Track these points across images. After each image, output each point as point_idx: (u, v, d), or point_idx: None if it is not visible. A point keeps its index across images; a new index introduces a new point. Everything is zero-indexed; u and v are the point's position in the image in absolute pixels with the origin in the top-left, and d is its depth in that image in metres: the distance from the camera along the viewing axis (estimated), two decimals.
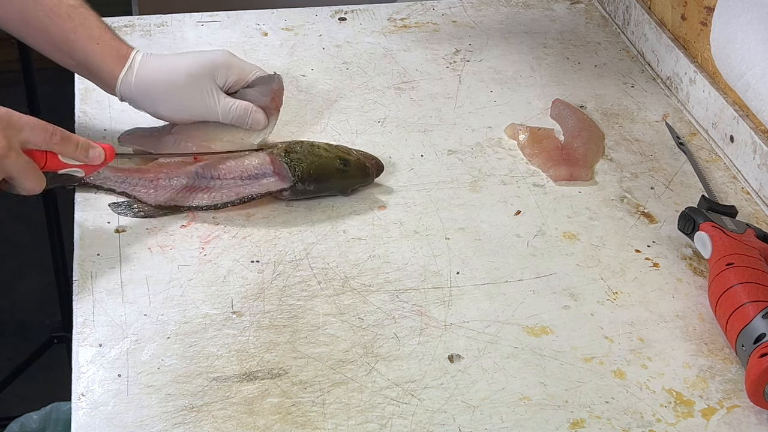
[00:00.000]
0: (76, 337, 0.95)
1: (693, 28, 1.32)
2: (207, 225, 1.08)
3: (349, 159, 1.12)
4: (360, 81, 1.35)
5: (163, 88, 1.12)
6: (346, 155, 1.13)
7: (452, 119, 1.28)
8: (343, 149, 1.14)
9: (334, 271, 1.04)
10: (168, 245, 1.05)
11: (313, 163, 1.11)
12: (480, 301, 1.01)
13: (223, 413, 0.88)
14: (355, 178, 1.13)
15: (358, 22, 1.48)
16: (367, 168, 1.13)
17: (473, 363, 0.94)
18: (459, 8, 1.53)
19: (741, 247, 1.00)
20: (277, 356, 0.94)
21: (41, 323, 2.16)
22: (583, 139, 1.24)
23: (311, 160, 1.11)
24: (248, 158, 1.12)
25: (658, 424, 0.90)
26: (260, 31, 1.45)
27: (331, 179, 1.12)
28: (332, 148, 1.14)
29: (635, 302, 1.02)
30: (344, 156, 1.12)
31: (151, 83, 1.12)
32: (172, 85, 1.12)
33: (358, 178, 1.13)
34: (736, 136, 1.20)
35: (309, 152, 1.12)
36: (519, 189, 1.17)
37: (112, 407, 0.89)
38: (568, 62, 1.42)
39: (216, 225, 1.09)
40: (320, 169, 1.11)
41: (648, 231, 1.12)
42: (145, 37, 1.40)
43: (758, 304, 0.93)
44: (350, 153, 1.14)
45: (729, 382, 0.94)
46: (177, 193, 1.10)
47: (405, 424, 0.88)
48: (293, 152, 1.11)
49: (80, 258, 1.04)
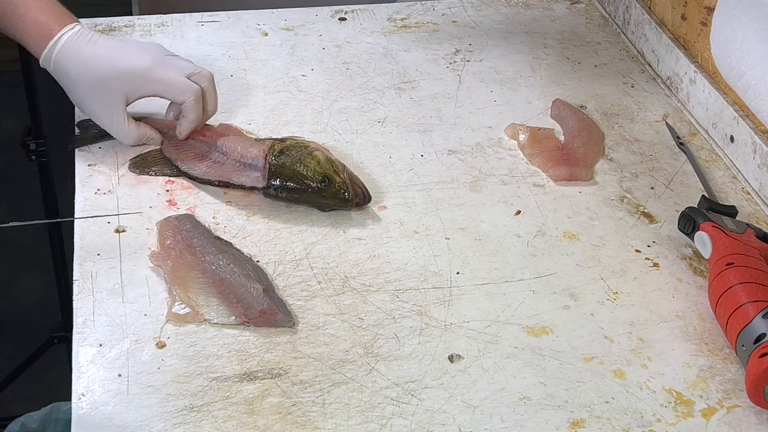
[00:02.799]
0: (76, 337, 0.95)
1: (693, 28, 1.32)
2: (207, 225, 1.08)
3: (333, 180, 1.08)
4: (360, 81, 1.35)
5: (73, 82, 1.12)
6: (333, 175, 1.09)
7: (452, 119, 1.28)
8: (337, 167, 1.10)
9: (334, 271, 1.04)
10: None
11: (295, 173, 1.09)
12: (480, 301, 1.01)
13: (223, 413, 0.88)
14: (331, 200, 1.09)
15: (358, 22, 1.48)
16: (346, 195, 1.09)
17: (473, 363, 0.94)
18: (459, 8, 1.53)
19: (741, 247, 1.00)
20: (277, 356, 0.94)
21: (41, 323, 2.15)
22: (583, 139, 1.24)
23: (294, 170, 1.09)
24: (253, 147, 1.13)
25: (658, 424, 0.90)
26: (260, 31, 1.45)
27: (306, 193, 1.09)
28: (325, 164, 1.10)
29: (635, 302, 1.02)
30: (330, 175, 1.09)
31: (64, 73, 1.12)
32: (81, 83, 1.12)
33: (334, 200, 1.09)
34: (736, 136, 1.20)
35: (299, 160, 1.10)
36: (519, 189, 1.17)
37: (112, 407, 0.89)
38: (568, 62, 1.42)
39: (216, 225, 1.09)
40: (298, 181, 1.09)
41: (648, 231, 1.12)
42: (145, 37, 1.40)
43: (758, 304, 0.93)
44: (339, 174, 1.09)
45: (729, 382, 0.94)
46: (188, 154, 1.14)
47: (405, 424, 0.88)
48: (285, 155, 1.11)
49: (80, 258, 1.04)
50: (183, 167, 1.14)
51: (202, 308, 0.97)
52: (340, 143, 1.22)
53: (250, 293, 0.98)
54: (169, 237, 1.04)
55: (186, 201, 1.12)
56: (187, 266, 1.01)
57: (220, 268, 1.00)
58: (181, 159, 1.15)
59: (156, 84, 1.13)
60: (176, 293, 0.98)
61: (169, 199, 1.12)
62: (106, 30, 1.41)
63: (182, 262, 1.01)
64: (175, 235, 1.04)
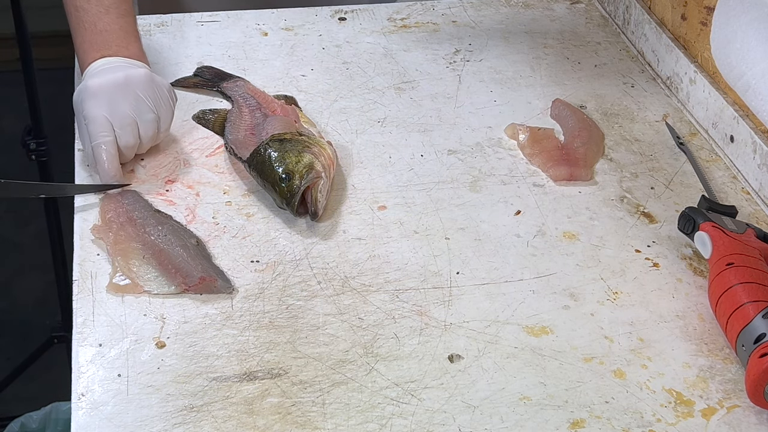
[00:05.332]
0: (76, 337, 0.95)
1: (693, 28, 1.32)
2: (207, 225, 1.08)
3: (292, 181, 1.07)
4: (360, 81, 1.35)
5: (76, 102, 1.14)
6: (294, 178, 1.07)
7: (452, 119, 1.28)
8: (309, 172, 1.08)
9: (334, 271, 1.04)
10: None
11: (268, 160, 1.10)
12: (480, 301, 1.01)
13: (223, 413, 0.88)
14: (279, 197, 1.09)
15: (358, 22, 1.48)
16: (292, 199, 1.07)
17: (473, 363, 0.94)
18: (459, 8, 1.53)
19: (741, 247, 1.00)
20: (277, 356, 0.94)
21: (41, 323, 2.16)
22: (583, 139, 1.24)
23: (269, 157, 1.10)
24: (271, 127, 1.16)
25: (658, 424, 0.90)
26: (260, 31, 1.45)
27: (266, 183, 1.10)
28: (300, 166, 1.08)
29: (635, 302, 1.02)
30: (293, 176, 1.07)
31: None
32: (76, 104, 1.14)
33: (281, 198, 1.08)
34: (736, 136, 1.20)
35: (287, 150, 1.10)
36: (519, 189, 1.17)
37: (112, 407, 0.89)
38: (568, 62, 1.42)
39: (216, 225, 1.09)
40: (265, 170, 1.09)
41: (648, 231, 1.12)
42: (145, 37, 1.40)
43: (758, 304, 0.93)
44: (304, 178, 1.07)
45: (729, 382, 0.94)
46: (242, 121, 1.19)
47: (405, 424, 0.88)
48: (279, 142, 1.11)
49: (80, 258, 1.04)
50: (230, 136, 1.18)
51: (142, 279, 1.00)
52: (340, 143, 1.22)
53: (188, 262, 1.00)
54: (110, 210, 1.07)
55: (185, 201, 1.12)
56: (128, 238, 1.04)
57: (159, 238, 1.03)
58: (240, 135, 1.18)
59: (84, 119, 1.11)
60: (117, 264, 1.01)
61: (168, 200, 1.12)
62: None
63: (124, 234, 1.04)
64: (117, 208, 1.08)
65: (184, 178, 1.15)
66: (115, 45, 1.16)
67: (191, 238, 1.05)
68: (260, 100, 1.23)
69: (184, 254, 1.01)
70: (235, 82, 1.28)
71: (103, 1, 1.17)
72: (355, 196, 1.14)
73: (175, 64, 1.35)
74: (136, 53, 1.18)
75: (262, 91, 1.26)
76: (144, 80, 1.12)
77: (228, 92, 1.27)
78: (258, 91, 1.26)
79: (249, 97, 1.24)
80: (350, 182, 1.16)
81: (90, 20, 1.17)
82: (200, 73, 1.33)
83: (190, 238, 1.04)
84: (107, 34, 1.17)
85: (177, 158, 1.18)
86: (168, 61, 1.36)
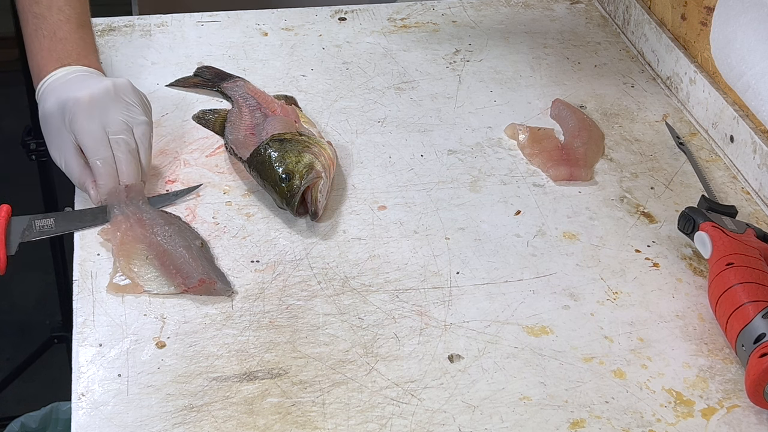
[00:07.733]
0: (76, 337, 0.95)
1: (693, 28, 1.32)
2: (207, 225, 1.08)
3: (292, 181, 1.07)
4: (360, 81, 1.35)
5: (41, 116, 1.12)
6: (297, 177, 1.07)
7: (452, 119, 1.28)
8: (309, 173, 1.08)
9: (334, 271, 1.04)
10: None
11: (268, 160, 1.09)
12: (480, 301, 1.01)
13: (223, 413, 0.88)
14: (279, 197, 1.08)
15: (358, 22, 1.48)
16: (293, 199, 1.07)
17: (473, 363, 0.94)
18: (459, 8, 1.53)
19: (741, 247, 1.00)
20: (277, 356, 0.94)
21: (41, 323, 2.16)
22: (583, 139, 1.24)
23: (269, 157, 1.09)
24: (271, 127, 1.15)
25: (658, 424, 0.90)
26: (260, 31, 1.45)
27: (266, 183, 1.09)
28: (301, 166, 1.08)
29: (635, 302, 1.02)
30: (291, 175, 1.07)
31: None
32: (42, 114, 1.11)
33: (281, 198, 1.08)
34: (736, 136, 1.20)
35: (281, 149, 1.10)
36: (519, 189, 1.17)
37: (112, 407, 0.89)
38: (568, 62, 1.42)
39: (216, 225, 1.09)
40: (265, 170, 1.09)
41: (648, 231, 1.12)
42: (145, 37, 1.40)
43: (758, 304, 0.93)
44: (304, 178, 1.07)
45: (729, 382, 0.94)
46: (242, 121, 1.18)
47: (405, 424, 0.88)
48: (279, 142, 1.11)
49: (80, 258, 1.04)
50: (231, 136, 1.17)
51: (142, 279, 1.00)
52: (340, 143, 1.22)
53: (189, 263, 1.00)
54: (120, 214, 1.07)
55: (185, 201, 1.12)
56: (135, 239, 1.03)
57: (164, 239, 1.03)
58: (239, 134, 1.18)
59: (75, 134, 1.08)
60: (119, 264, 1.01)
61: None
62: (106, 30, 1.41)
63: (131, 235, 1.04)
64: (125, 209, 1.07)
65: (185, 178, 1.15)
66: (76, 54, 1.15)
67: (196, 240, 1.04)
68: (260, 100, 1.23)
69: (186, 255, 1.01)
70: (235, 82, 1.28)
71: (63, 10, 1.16)
72: (355, 196, 1.14)
73: (175, 64, 1.35)
74: (95, 64, 1.17)
75: (262, 91, 1.26)
76: (130, 87, 1.11)
77: (228, 92, 1.27)
78: (258, 91, 1.26)
79: (249, 97, 1.24)
80: (350, 182, 1.16)
81: (49, 28, 1.15)
82: (200, 73, 1.33)
83: (195, 240, 1.04)
84: (67, 43, 1.15)
85: (177, 158, 1.18)
86: (168, 61, 1.36)
